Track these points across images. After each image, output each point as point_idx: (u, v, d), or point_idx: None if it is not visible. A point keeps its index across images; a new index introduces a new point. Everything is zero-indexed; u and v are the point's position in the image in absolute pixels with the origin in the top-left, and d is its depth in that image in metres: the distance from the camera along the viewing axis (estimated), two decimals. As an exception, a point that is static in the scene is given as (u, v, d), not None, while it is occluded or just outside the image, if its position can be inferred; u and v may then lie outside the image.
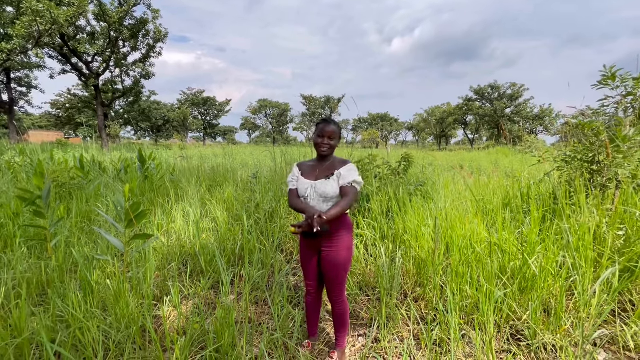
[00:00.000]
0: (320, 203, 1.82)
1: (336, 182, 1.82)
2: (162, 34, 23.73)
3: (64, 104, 39.50)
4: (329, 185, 1.81)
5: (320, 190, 1.82)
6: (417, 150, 25.38)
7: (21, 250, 2.83)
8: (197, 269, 2.92)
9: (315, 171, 1.91)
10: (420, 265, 2.79)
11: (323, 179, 1.84)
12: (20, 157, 7.93)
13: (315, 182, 1.84)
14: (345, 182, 1.80)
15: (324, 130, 1.86)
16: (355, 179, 1.81)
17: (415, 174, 5.27)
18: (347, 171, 1.83)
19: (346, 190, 1.79)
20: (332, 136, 1.88)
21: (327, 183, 1.82)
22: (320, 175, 1.87)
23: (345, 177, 1.81)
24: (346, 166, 1.86)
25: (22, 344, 1.58)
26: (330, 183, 1.82)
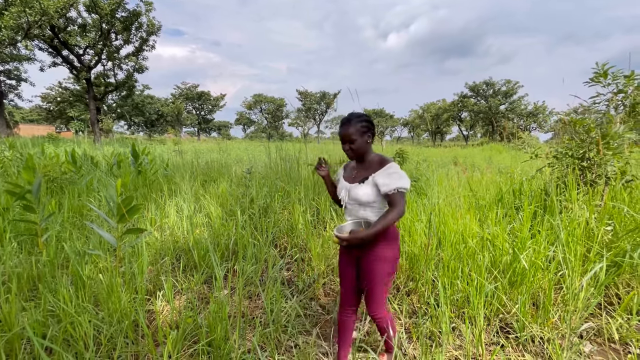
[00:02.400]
0: (357, 208, 1.66)
1: (370, 186, 1.60)
2: (156, 27, 23.37)
3: (54, 98, 38.81)
4: (362, 191, 1.61)
5: (353, 195, 1.65)
6: (412, 146, 25.47)
7: (11, 245, 2.80)
8: (191, 263, 2.91)
9: (354, 173, 1.73)
10: (413, 259, 2.82)
11: (357, 183, 1.64)
12: (10, 151, 7.80)
13: (351, 186, 1.67)
14: (388, 190, 1.54)
15: (341, 136, 1.66)
16: (400, 186, 1.53)
17: (409, 169, 5.30)
18: (386, 176, 1.57)
19: (390, 199, 1.55)
20: (350, 139, 1.62)
21: (360, 188, 1.62)
22: (357, 178, 1.67)
23: (384, 184, 1.55)
24: (384, 169, 1.60)
25: (12, 338, 1.57)
26: (363, 188, 1.61)
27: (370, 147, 1.69)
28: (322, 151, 7.39)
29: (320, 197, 3.91)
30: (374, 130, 1.69)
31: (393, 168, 1.59)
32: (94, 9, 20.28)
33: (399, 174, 1.56)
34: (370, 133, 1.66)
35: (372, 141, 1.68)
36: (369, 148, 1.68)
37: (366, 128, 1.64)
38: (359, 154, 1.66)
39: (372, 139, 1.68)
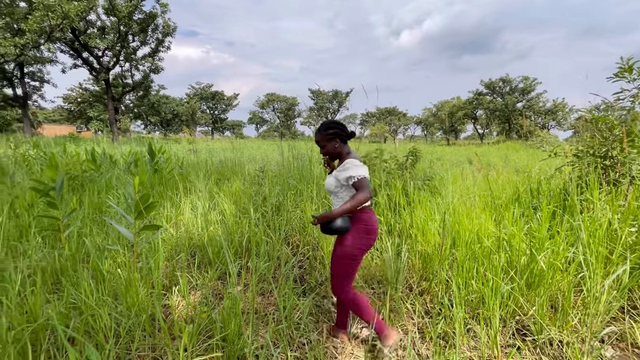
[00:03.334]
0: (331, 197, 1.97)
1: (333, 178, 1.90)
2: (171, 28, 23.84)
3: (75, 98, 40.13)
4: (327, 181, 1.95)
5: (325, 186, 1.97)
6: (425, 145, 25.13)
7: (36, 240, 2.92)
8: (205, 260, 2.96)
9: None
10: (426, 259, 2.79)
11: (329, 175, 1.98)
12: (35, 150, 8.12)
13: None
14: (344, 180, 1.82)
15: (316, 144, 1.98)
16: (354, 174, 1.76)
17: (423, 168, 5.23)
18: (342, 170, 1.85)
19: (354, 187, 1.79)
20: (320, 145, 1.95)
21: (327, 178, 1.96)
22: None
23: (342, 177, 1.83)
24: (342, 164, 1.88)
25: (37, 329, 1.64)
26: (328, 179, 1.95)
27: (341, 149, 1.95)
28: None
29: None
30: (341, 135, 1.92)
31: (348, 163, 1.85)
32: (112, 11, 20.84)
33: (354, 166, 1.81)
34: (337, 138, 1.92)
35: (340, 144, 1.93)
36: (340, 150, 1.94)
37: (332, 135, 1.91)
38: (332, 156, 2.00)
39: (340, 143, 1.93)
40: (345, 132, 1.95)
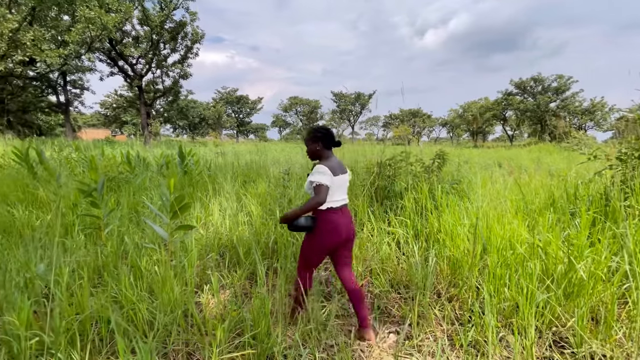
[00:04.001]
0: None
1: (307, 181, 2.07)
2: (199, 35, 24.76)
3: (111, 104, 42.55)
4: (305, 184, 2.13)
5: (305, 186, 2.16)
6: (451, 147, 24.44)
7: (79, 237, 3.13)
8: (234, 260, 3.05)
9: None
10: (455, 265, 2.72)
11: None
12: (76, 153, 8.69)
13: None
14: (310, 184, 2.02)
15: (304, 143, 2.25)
16: (313, 180, 1.97)
17: (450, 171, 5.10)
18: (310, 175, 2.03)
19: (313, 191, 1.99)
20: (306, 145, 2.20)
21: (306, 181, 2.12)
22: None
23: (309, 180, 2.03)
24: (314, 168, 2.06)
25: (84, 319, 1.76)
26: (306, 182, 2.10)
27: (322, 152, 2.15)
28: (358, 152, 7.35)
29: (357, 199, 3.90)
30: (324, 140, 2.13)
31: (316, 168, 2.02)
32: (145, 21, 21.97)
33: (317, 172, 1.99)
34: (320, 142, 2.12)
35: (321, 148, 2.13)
36: (320, 153, 2.15)
37: (315, 138, 2.13)
38: (313, 157, 2.20)
39: (322, 147, 2.13)
40: (329, 139, 2.13)
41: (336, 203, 2.07)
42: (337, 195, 2.08)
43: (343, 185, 2.15)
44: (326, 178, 1.95)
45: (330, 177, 1.98)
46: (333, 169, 2.04)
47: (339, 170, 2.09)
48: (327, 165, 2.03)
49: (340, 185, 2.11)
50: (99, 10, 17.09)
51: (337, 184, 2.06)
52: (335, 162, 2.12)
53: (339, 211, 2.09)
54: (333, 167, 2.05)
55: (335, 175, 2.03)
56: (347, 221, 2.14)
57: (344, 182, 2.15)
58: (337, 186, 2.07)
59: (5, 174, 5.45)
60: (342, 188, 2.13)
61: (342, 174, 2.12)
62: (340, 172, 2.11)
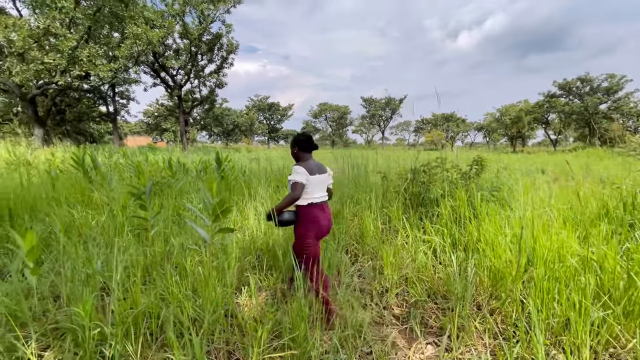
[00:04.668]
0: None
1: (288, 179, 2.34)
2: (234, 46, 25.85)
3: (152, 113, 45.50)
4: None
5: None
6: (488, 152, 23.35)
7: (128, 237, 3.37)
8: (269, 263, 3.13)
9: None
10: (497, 276, 2.60)
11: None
12: (124, 159, 9.38)
13: None
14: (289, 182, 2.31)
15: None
16: (289, 178, 2.29)
17: (488, 178, 4.89)
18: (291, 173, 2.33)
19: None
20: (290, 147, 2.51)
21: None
22: None
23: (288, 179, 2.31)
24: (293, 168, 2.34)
25: (137, 315, 1.90)
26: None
27: (300, 155, 2.45)
28: (390, 158, 7.26)
29: (391, 205, 3.86)
30: (300, 144, 2.44)
31: (293, 169, 2.30)
32: (185, 35, 23.34)
33: (294, 172, 2.28)
34: (297, 146, 2.45)
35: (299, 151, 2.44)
36: (299, 155, 2.45)
37: (294, 143, 2.47)
38: (295, 159, 2.48)
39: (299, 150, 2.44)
40: (306, 143, 2.44)
41: (316, 199, 2.36)
42: (316, 193, 2.35)
43: (322, 184, 2.41)
44: (301, 177, 2.24)
45: (306, 176, 2.27)
46: (310, 169, 2.32)
47: (316, 171, 2.36)
48: (304, 166, 2.31)
49: (319, 183, 2.37)
50: (145, 26, 18.44)
51: (314, 182, 2.33)
52: (312, 164, 2.40)
53: (319, 207, 2.37)
54: (310, 168, 2.33)
55: (312, 175, 2.31)
56: (328, 217, 2.43)
57: (322, 180, 2.40)
58: (315, 184, 2.34)
59: (65, 178, 6.00)
60: (320, 186, 2.39)
61: (319, 174, 2.38)
62: (318, 172, 2.38)
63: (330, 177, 2.57)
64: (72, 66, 16.38)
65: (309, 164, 2.37)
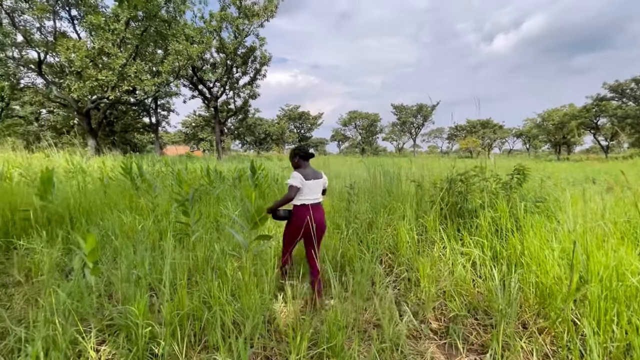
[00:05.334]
0: None
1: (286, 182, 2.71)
2: (267, 58, 26.79)
3: (190, 123, 48.08)
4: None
5: None
6: (529, 160, 22.04)
7: (171, 241, 3.57)
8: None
9: None
10: (545, 293, 2.44)
11: None
12: (165, 167, 9.99)
13: None
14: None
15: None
16: (286, 182, 2.67)
17: (532, 187, 4.62)
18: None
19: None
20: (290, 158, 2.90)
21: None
22: None
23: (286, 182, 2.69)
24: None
25: (183, 316, 2.01)
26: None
27: (299, 163, 2.81)
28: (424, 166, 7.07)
29: (427, 215, 3.76)
30: (299, 155, 2.81)
31: (291, 174, 2.70)
32: (222, 49, 24.59)
33: (291, 177, 2.66)
34: (297, 156, 2.82)
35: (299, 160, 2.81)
36: (299, 164, 2.81)
37: (293, 155, 2.84)
38: (294, 167, 2.85)
39: (300, 159, 2.81)
40: (303, 154, 2.81)
41: (308, 200, 2.70)
42: (310, 195, 2.70)
43: (316, 187, 2.74)
44: (296, 181, 2.61)
45: (301, 180, 2.64)
46: (306, 175, 2.68)
47: (311, 177, 2.71)
48: (301, 172, 2.69)
49: (313, 187, 2.71)
50: (185, 43, 19.70)
51: (309, 186, 2.68)
52: (309, 170, 2.76)
53: (310, 208, 2.69)
54: (306, 174, 2.69)
55: (307, 180, 2.67)
56: (318, 216, 2.73)
57: (316, 185, 2.74)
58: (309, 187, 2.69)
59: (115, 185, 6.50)
60: (315, 189, 2.74)
61: (314, 179, 2.73)
62: (313, 178, 2.73)
63: (325, 181, 2.93)
64: (121, 82, 17.82)
65: (306, 170, 2.74)
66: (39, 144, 18.44)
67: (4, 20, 17.40)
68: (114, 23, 17.82)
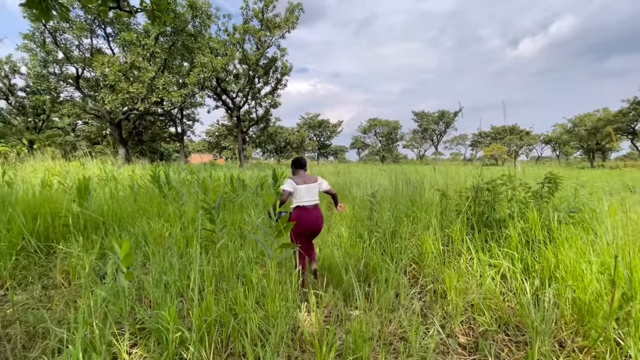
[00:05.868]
0: None
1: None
2: (288, 68, 27.33)
3: (214, 132, 49.59)
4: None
5: None
6: (559, 167, 21.04)
7: (197, 248, 3.67)
8: (326, 279, 3.16)
9: None
10: (583, 310, 2.30)
11: None
12: (190, 175, 10.32)
13: None
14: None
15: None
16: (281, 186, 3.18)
17: (565, 197, 4.41)
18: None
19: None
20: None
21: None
22: None
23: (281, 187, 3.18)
24: None
25: (210, 322, 2.05)
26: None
27: (295, 172, 3.37)
28: (447, 174, 6.90)
29: (453, 225, 3.67)
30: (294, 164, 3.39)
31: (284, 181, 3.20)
32: (244, 60, 25.36)
33: (284, 182, 3.15)
34: (292, 167, 3.41)
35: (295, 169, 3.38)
36: (294, 172, 3.37)
37: (291, 165, 3.41)
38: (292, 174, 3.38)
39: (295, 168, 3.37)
40: (297, 164, 3.36)
41: (303, 202, 3.11)
42: (305, 198, 3.11)
43: (309, 191, 3.14)
44: (287, 186, 3.08)
45: (293, 185, 3.08)
46: (297, 181, 3.12)
47: (301, 182, 3.13)
48: (293, 179, 3.14)
49: (306, 190, 3.12)
50: (210, 55, 20.51)
51: (301, 190, 3.10)
52: (300, 177, 3.20)
53: (306, 209, 3.11)
54: (297, 180, 3.13)
55: (298, 185, 3.10)
56: (315, 216, 3.14)
57: (309, 188, 3.14)
58: (302, 191, 3.11)
59: (143, 192, 6.79)
60: (309, 192, 3.14)
61: (307, 184, 3.14)
62: (303, 182, 3.14)
63: (322, 184, 3.30)
64: (150, 94, 18.73)
65: (298, 177, 3.20)
66: (75, 153, 19.62)
67: (47, 39, 18.82)
68: (145, 39, 18.86)
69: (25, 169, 10.23)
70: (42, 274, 3.32)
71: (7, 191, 5.35)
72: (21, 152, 17.38)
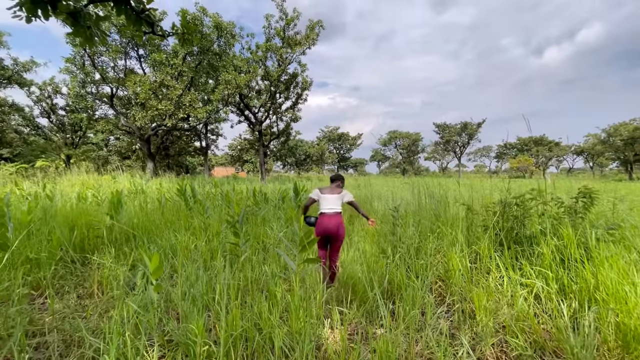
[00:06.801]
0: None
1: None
2: (308, 83, 27.88)
3: (236, 146, 50.95)
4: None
5: None
6: (593, 180, 19.91)
7: (221, 261, 3.74)
8: (349, 296, 3.12)
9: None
10: (629, 336, 2.14)
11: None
12: (214, 188, 10.61)
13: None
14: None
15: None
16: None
17: (602, 211, 4.17)
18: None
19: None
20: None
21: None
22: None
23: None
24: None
25: (236, 336, 2.07)
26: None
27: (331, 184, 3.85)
28: (472, 188, 6.69)
29: (480, 241, 3.54)
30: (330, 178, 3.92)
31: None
32: (266, 77, 26.14)
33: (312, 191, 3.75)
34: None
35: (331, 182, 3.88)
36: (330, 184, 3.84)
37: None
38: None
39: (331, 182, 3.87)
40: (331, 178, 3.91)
41: (325, 210, 3.53)
42: (326, 206, 3.54)
43: (331, 200, 3.56)
44: (313, 194, 3.67)
45: (318, 194, 3.64)
46: (322, 190, 3.66)
47: (327, 192, 3.64)
48: (320, 189, 3.69)
49: (328, 200, 3.55)
50: (234, 73, 21.32)
51: (324, 199, 3.58)
52: (330, 188, 3.72)
53: (326, 216, 3.49)
54: (323, 189, 3.67)
55: (322, 193, 3.62)
56: (333, 222, 3.45)
57: (331, 197, 3.57)
58: (324, 200, 3.57)
59: (170, 205, 7.04)
60: (330, 201, 3.55)
61: (330, 194, 3.60)
62: (329, 193, 3.61)
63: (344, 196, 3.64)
64: (177, 110, 19.61)
65: (326, 187, 3.73)
66: (107, 167, 20.73)
67: (86, 62, 20.30)
68: (174, 59, 19.93)
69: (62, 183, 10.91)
70: (77, 284, 3.49)
71: (48, 204, 5.70)
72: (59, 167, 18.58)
